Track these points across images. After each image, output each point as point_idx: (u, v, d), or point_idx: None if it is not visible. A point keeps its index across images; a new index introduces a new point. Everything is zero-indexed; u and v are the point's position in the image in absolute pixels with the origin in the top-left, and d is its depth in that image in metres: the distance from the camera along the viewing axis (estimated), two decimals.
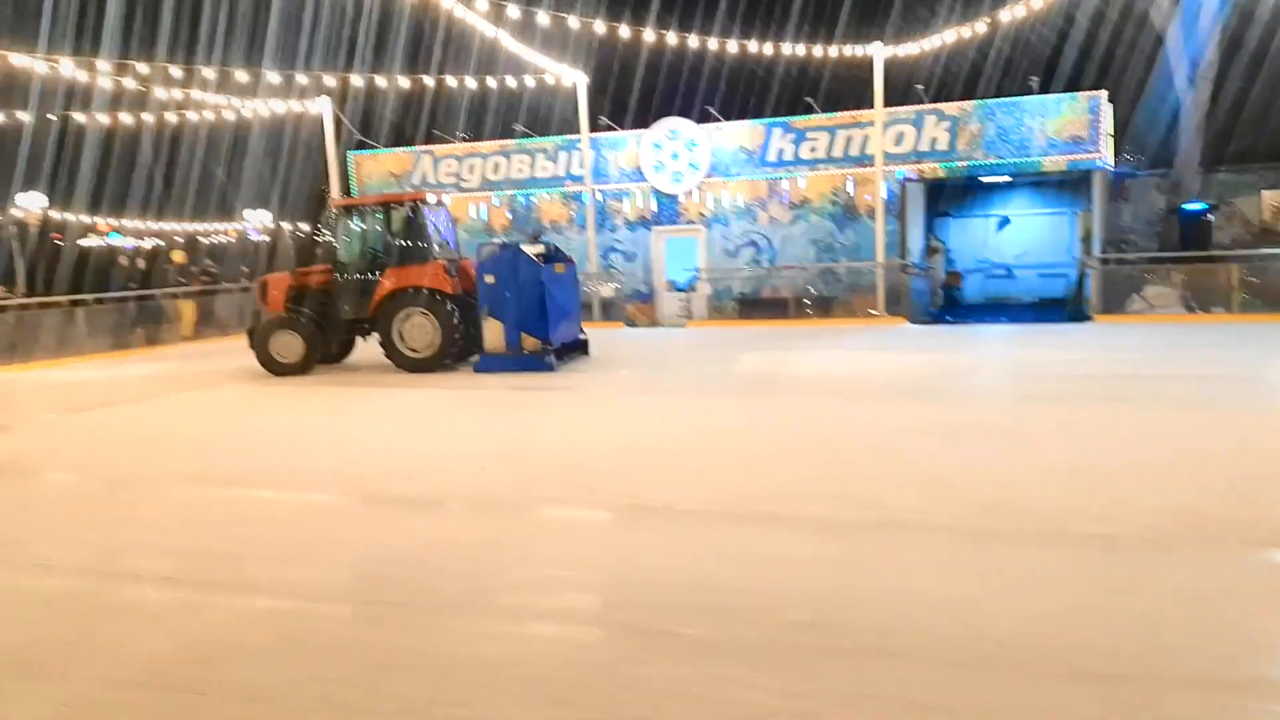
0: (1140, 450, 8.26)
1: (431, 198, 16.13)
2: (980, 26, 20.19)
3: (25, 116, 23.25)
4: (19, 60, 20.01)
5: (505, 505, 7.40)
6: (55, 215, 33.84)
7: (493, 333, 14.87)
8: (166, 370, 17.27)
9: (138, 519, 7.52)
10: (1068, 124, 20.02)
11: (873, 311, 21.28)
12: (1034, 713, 3.90)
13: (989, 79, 25.26)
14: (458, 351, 15.35)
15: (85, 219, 35.80)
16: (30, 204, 29.41)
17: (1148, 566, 5.49)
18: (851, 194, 21.74)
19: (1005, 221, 24.99)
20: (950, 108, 21.03)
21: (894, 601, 5.05)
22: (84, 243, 34.97)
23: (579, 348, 16.35)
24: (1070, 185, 22.65)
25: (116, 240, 37.96)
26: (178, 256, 26.48)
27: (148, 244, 37.37)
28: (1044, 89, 20.77)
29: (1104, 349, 15.14)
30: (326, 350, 16.12)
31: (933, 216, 24.12)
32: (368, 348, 16.45)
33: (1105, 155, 20.46)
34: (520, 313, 14.70)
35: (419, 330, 15.17)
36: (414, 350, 15.26)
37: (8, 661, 4.83)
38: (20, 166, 27.66)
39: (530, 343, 14.83)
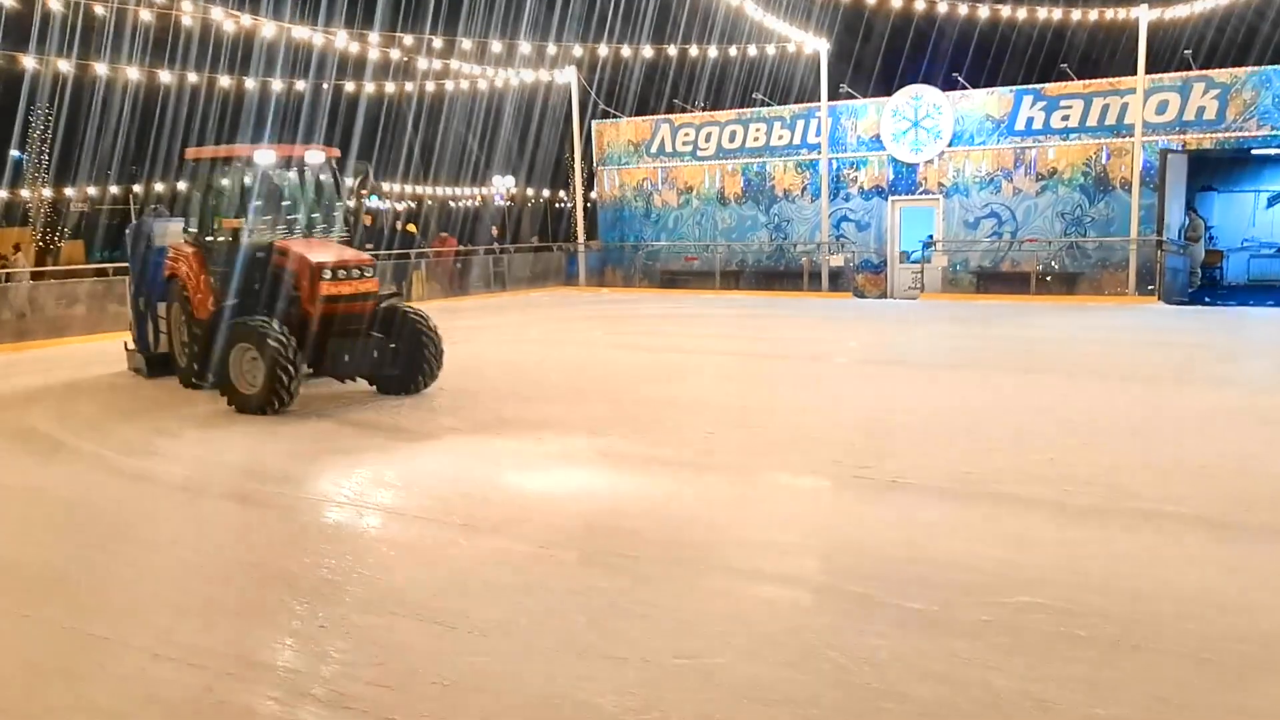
0: None
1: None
2: None
3: (301, 85, 25.10)
4: (300, 33, 21.84)
5: (733, 469, 7.51)
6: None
7: None
8: None
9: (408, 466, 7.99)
10: None
11: (1122, 290, 20.26)
12: None
13: (1266, 43, 23.29)
14: None
15: (349, 182, 38.36)
16: None
17: None
18: (1105, 165, 20.69)
19: (1277, 198, 23.12)
20: (1221, 74, 19.64)
21: (1138, 592, 4.84)
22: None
23: None
24: None
25: (374, 203, 40.57)
26: (411, 228, 27.78)
27: (401, 207, 39.76)
28: None
29: None
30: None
31: (1194, 190, 22.64)
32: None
33: None
34: None
35: None
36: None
37: (280, 581, 5.30)
38: (299, 131, 29.97)
39: None
